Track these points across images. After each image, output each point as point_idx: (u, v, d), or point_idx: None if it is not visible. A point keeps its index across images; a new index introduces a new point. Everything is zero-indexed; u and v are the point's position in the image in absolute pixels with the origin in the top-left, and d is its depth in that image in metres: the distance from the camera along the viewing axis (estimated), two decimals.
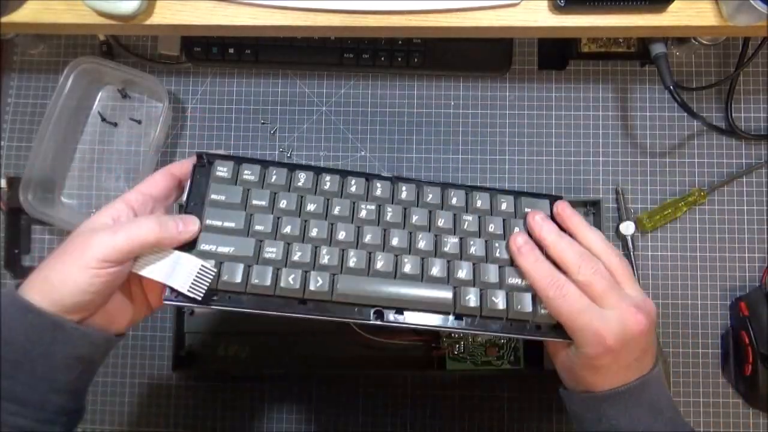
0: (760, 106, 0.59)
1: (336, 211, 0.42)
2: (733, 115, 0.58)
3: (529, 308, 0.40)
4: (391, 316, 0.40)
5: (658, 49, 0.53)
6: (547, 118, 0.60)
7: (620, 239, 0.58)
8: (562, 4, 0.45)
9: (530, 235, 0.43)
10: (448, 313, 0.41)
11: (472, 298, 0.40)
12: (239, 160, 0.43)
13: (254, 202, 0.41)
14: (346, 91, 0.61)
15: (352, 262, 0.40)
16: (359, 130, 0.61)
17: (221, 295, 0.39)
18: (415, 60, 0.59)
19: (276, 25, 0.47)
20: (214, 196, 0.41)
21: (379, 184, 0.44)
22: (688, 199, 0.57)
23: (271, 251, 0.40)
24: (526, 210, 0.44)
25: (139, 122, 0.61)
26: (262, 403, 0.57)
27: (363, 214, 0.42)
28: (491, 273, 0.42)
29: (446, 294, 0.40)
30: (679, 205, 0.57)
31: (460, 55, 0.59)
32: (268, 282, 0.39)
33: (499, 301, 0.40)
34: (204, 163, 0.42)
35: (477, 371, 0.55)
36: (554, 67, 0.60)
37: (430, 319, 0.41)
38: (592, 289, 0.39)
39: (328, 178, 0.43)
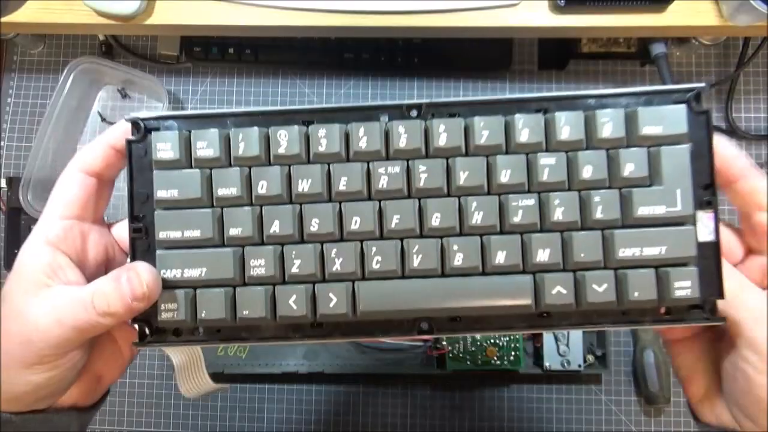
0: (760, 106, 0.59)
1: (342, 185, 0.30)
2: (733, 115, 0.58)
3: (653, 293, 0.29)
4: (444, 326, 0.30)
5: (658, 49, 0.53)
6: None
7: None
8: (562, 4, 0.45)
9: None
10: (527, 313, 0.30)
11: (561, 291, 0.29)
12: (187, 123, 0.31)
13: (221, 192, 0.30)
14: (346, 91, 0.61)
15: (375, 263, 0.29)
16: None
17: (206, 330, 0.31)
18: (415, 60, 0.59)
19: (276, 25, 0.47)
20: (161, 194, 0.30)
21: (402, 128, 0.30)
22: None
23: (258, 264, 0.30)
24: (646, 130, 0.29)
25: None
26: (263, 404, 0.57)
27: (383, 183, 0.30)
28: (589, 246, 0.29)
29: (522, 291, 0.29)
30: None
31: (460, 55, 0.59)
32: (262, 312, 0.30)
33: (605, 289, 0.29)
34: (139, 136, 0.31)
35: (477, 371, 0.55)
36: (554, 67, 0.60)
37: (502, 322, 0.30)
38: None
39: (322, 132, 0.30)
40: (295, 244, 0.30)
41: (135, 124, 0.31)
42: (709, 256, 0.30)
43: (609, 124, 0.29)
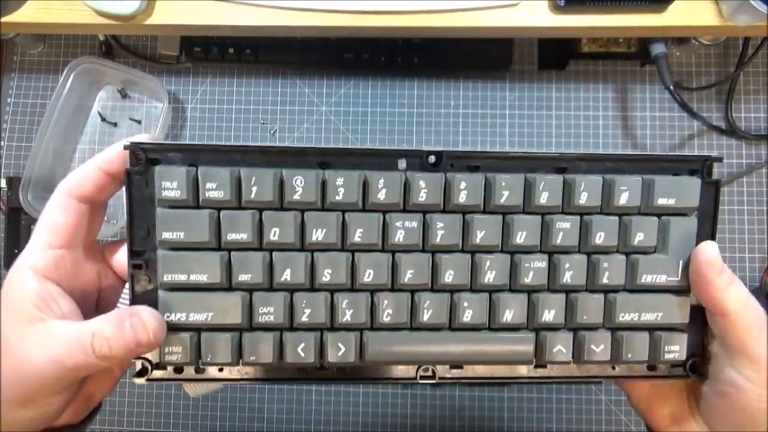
0: (760, 106, 0.59)
1: (357, 236, 0.29)
2: (733, 115, 0.58)
3: (645, 356, 0.31)
4: (445, 372, 0.32)
5: (658, 49, 0.53)
6: (547, 118, 0.60)
7: None
8: (562, 4, 0.45)
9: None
10: (526, 363, 0.32)
11: (561, 350, 0.31)
12: (192, 156, 0.29)
13: (230, 236, 0.29)
14: (346, 91, 0.61)
15: (386, 315, 0.30)
16: (359, 130, 0.60)
17: (209, 369, 0.31)
18: (415, 60, 0.59)
19: (276, 25, 0.47)
20: (166, 235, 0.28)
21: (423, 182, 0.29)
22: None
23: (267, 312, 0.29)
24: (661, 201, 0.30)
25: (139, 122, 0.61)
26: (263, 404, 0.57)
27: (399, 237, 0.29)
28: (592, 309, 0.30)
29: (525, 347, 0.31)
30: None
31: (460, 55, 0.59)
32: (269, 358, 0.30)
33: (602, 349, 0.31)
34: (140, 167, 0.28)
35: None
36: (554, 67, 0.60)
37: (501, 371, 0.32)
38: None
39: (340, 180, 0.29)
40: (305, 292, 0.30)
41: (134, 152, 0.28)
42: (698, 319, 0.31)
43: (626, 193, 0.30)
